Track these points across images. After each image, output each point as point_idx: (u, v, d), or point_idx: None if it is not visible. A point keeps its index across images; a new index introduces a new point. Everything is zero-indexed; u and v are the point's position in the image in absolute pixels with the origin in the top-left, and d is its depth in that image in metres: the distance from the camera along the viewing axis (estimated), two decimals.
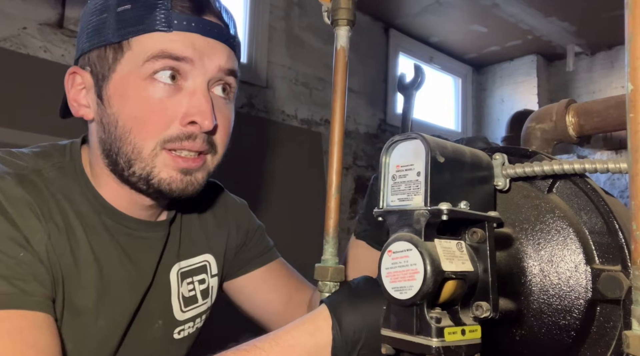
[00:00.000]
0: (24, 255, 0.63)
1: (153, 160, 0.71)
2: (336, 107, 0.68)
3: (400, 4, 3.14)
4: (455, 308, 0.54)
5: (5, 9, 1.81)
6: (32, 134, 1.70)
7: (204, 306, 0.92)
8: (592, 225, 0.57)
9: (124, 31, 0.70)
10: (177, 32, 0.70)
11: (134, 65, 0.70)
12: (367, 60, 3.26)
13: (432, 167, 0.53)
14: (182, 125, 0.71)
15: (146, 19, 0.70)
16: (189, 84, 0.72)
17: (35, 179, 0.70)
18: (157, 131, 0.70)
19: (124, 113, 0.71)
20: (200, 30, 0.71)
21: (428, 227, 0.52)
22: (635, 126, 0.40)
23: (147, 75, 0.70)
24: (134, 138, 0.70)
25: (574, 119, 0.74)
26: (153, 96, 0.70)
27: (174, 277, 0.86)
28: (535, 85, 3.80)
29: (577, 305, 0.55)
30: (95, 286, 0.73)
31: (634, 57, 0.40)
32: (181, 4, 0.71)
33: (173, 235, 0.86)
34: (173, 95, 0.71)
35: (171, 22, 0.69)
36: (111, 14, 0.71)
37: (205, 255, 0.92)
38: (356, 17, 0.69)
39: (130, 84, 0.70)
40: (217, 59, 0.73)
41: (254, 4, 2.71)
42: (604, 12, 3.09)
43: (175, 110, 0.71)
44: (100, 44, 0.72)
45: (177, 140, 0.71)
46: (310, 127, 2.87)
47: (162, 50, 0.69)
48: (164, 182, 0.72)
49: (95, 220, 0.75)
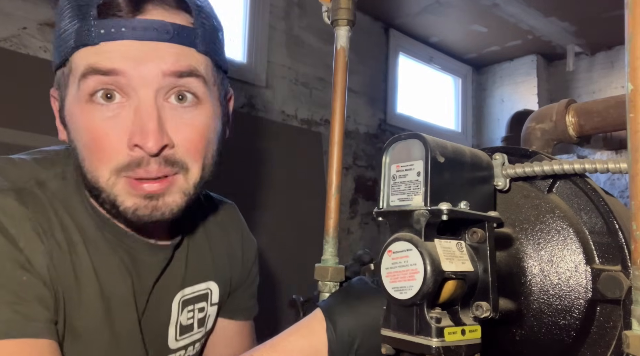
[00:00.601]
0: (27, 279, 0.61)
1: (112, 189, 0.65)
2: (336, 107, 0.68)
3: (400, 4, 3.14)
4: (455, 308, 0.54)
5: (5, 9, 1.81)
6: (32, 134, 1.70)
7: (198, 335, 0.88)
8: (592, 225, 0.57)
9: (62, 50, 0.64)
10: (105, 43, 0.61)
11: (74, 87, 0.64)
12: (367, 60, 3.26)
13: (432, 167, 0.53)
14: (130, 149, 0.63)
15: (76, 34, 0.62)
16: (132, 100, 0.63)
17: (38, 192, 0.67)
18: (106, 159, 0.63)
19: (76, 141, 0.65)
20: (133, 35, 0.61)
21: (428, 227, 0.52)
22: (635, 126, 0.40)
23: (85, 97, 0.63)
24: (89, 166, 0.65)
25: (574, 119, 0.74)
26: (95, 120, 0.63)
27: (175, 305, 0.82)
28: (535, 85, 3.80)
29: (577, 305, 0.55)
30: (95, 306, 0.70)
31: (634, 57, 0.40)
32: (111, 8, 0.61)
33: (177, 261, 0.81)
34: (116, 115, 0.63)
35: (98, 32, 0.61)
36: (58, 31, 0.66)
37: (209, 282, 0.87)
38: (356, 17, 0.69)
39: (75, 108, 0.64)
40: (159, 64, 0.62)
41: (254, 4, 2.71)
42: (604, 12, 3.09)
43: (121, 133, 0.63)
44: (55, 67, 0.68)
45: (128, 169, 0.63)
46: (310, 127, 2.87)
47: (89, 66, 0.61)
48: (129, 210, 0.65)
49: (97, 235, 0.71)
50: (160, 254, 0.77)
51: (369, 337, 0.56)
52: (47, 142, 0.98)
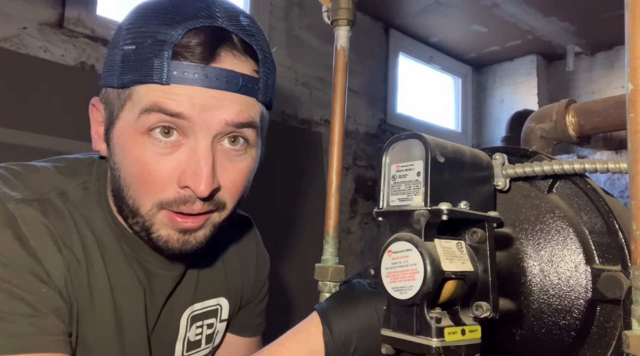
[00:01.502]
0: (45, 291, 0.61)
1: (152, 218, 0.66)
2: (336, 107, 0.68)
3: (400, 4, 3.14)
4: (455, 308, 0.54)
5: (5, 9, 1.81)
6: (32, 134, 1.70)
7: (206, 351, 0.88)
8: (592, 225, 0.57)
9: (124, 77, 0.64)
10: (175, 85, 0.61)
11: (132, 116, 0.64)
12: (367, 60, 3.25)
13: (432, 167, 0.53)
14: (180, 187, 0.64)
15: (145, 67, 0.62)
16: (189, 140, 0.64)
17: (59, 204, 0.67)
18: (153, 192, 0.65)
19: (124, 167, 0.66)
20: (203, 82, 0.62)
21: (428, 227, 0.52)
22: (635, 126, 0.40)
23: (144, 130, 0.63)
24: (133, 193, 0.66)
25: (574, 119, 0.74)
26: (149, 154, 0.63)
27: (184, 321, 0.82)
28: (535, 85, 3.79)
29: (577, 305, 0.55)
30: (108, 321, 0.70)
31: (634, 57, 0.40)
32: (187, 50, 0.62)
33: (189, 277, 0.81)
34: (171, 152, 0.64)
35: (170, 73, 0.61)
36: (119, 52, 0.65)
37: (220, 298, 0.87)
38: (356, 17, 0.69)
39: (128, 136, 0.65)
40: (224, 113, 0.63)
41: (254, 4, 2.71)
42: (604, 12, 3.09)
43: (172, 170, 0.64)
44: (109, 84, 0.67)
45: (174, 204, 0.65)
46: (310, 127, 2.87)
47: (154, 103, 0.62)
48: (161, 239, 0.67)
49: (115, 247, 0.72)
50: (174, 269, 0.77)
51: (366, 340, 0.56)
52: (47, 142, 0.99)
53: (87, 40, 1.97)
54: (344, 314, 0.57)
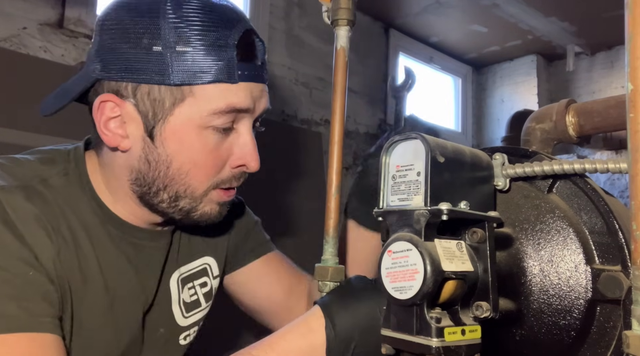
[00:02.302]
0: (32, 274, 0.63)
1: (202, 198, 0.74)
2: (336, 107, 0.68)
3: (400, 4, 3.14)
4: (455, 308, 0.54)
5: (5, 9, 1.81)
6: (32, 134, 1.70)
7: (208, 309, 0.92)
8: (592, 225, 0.57)
9: (186, 76, 0.68)
10: (242, 83, 0.70)
11: (195, 112, 0.69)
12: (367, 60, 3.25)
13: (432, 167, 0.53)
14: (233, 167, 0.75)
15: (212, 68, 0.68)
16: (239, 126, 0.74)
17: (43, 190, 0.69)
18: (212, 174, 0.73)
19: (182, 156, 0.71)
20: (255, 77, 0.72)
21: (428, 227, 0.52)
22: (635, 126, 0.40)
23: (210, 125, 0.70)
24: (190, 180, 0.72)
25: (574, 119, 0.74)
26: (212, 143, 0.72)
27: (174, 284, 0.85)
28: (535, 85, 3.79)
29: (577, 305, 0.55)
30: (101, 300, 0.73)
31: (634, 57, 0.40)
32: (243, 51, 0.70)
33: (174, 243, 0.86)
34: (225, 138, 0.73)
35: (236, 73, 0.69)
36: (169, 52, 0.67)
37: (205, 257, 0.92)
38: (356, 17, 0.69)
39: (190, 130, 0.70)
40: (264, 102, 0.75)
41: (254, 4, 2.71)
42: (604, 12, 3.09)
43: (227, 153, 0.74)
44: (153, 82, 0.68)
45: (227, 182, 0.75)
46: (310, 127, 2.87)
47: (229, 105, 0.70)
48: (205, 215, 0.76)
49: (100, 230, 0.74)
50: (162, 239, 0.82)
51: (367, 336, 0.56)
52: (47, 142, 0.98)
53: (87, 40, 1.97)
54: (346, 309, 0.58)
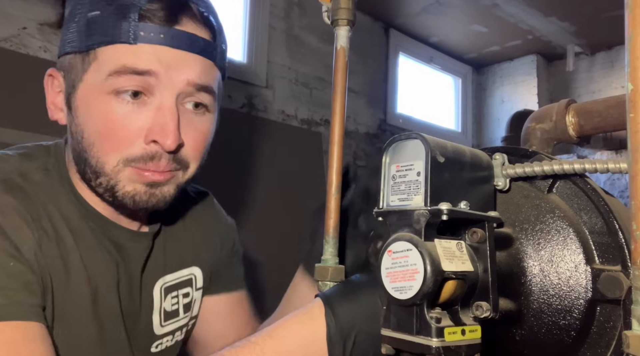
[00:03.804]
0: (14, 265, 0.63)
1: (117, 175, 0.69)
2: (336, 107, 0.68)
3: (400, 4, 3.14)
4: (455, 308, 0.54)
5: (5, 9, 1.81)
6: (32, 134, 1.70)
7: (184, 320, 0.90)
8: (592, 225, 0.57)
9: (90, 40, 0.67)
10: (143, 44, 0.66)
11: (98, 77, 0.67)
12: (367, 60, 3.26)
13: (432, 167, 0.53)
14: (146, 143, 0.68)
15: (112, 29, 0.66)
16: (155, 98, 0.68)
17: (23, 183, 0.69)
18: (119, 148, 0.68)
19: (88, 126, 0.69)
20: (169, 42, 0.67)
21: (428, 227, 0.52)
22: (635, 126, 0.40)
23: (111, 89, 0.67)
24: (96, 152, 0.68)
25: (574, 119, 0.74)
26: (116, 112, 0.67)
27: (157, 292, 0.84)
28: (535, 85, 3.80)
29: (577, 305, 0.55)
30: (84, 292, 0.72)
31: (634, 57, 0.40)
32: (152, 14, 0.67)
33: (157, 248, 0.84)
34: (137, 110, 0.68)
35: (137, 33, 0.66)
36: (82, 19, 0.68)
37: (192, 268, 0.90)
38: (356, 17, 0.69)
39: (95, 96, 0.68)
40: (187, 72, 0.69)
41: (254, 4, 2.71)
42: (604, 12, 3.09)
43: (139, 127, 0.68)
44: (71, 50, 0.70)
45: (140, 161, 0.68)
46: (310, 127, 2.87)
47: (124, 65, 0.66)
48: (127, 195, 0.70)
49: (82, 224, 0.74)
50: (142, 241, 0.81)
51: (368, 324, 0.56)
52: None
53: None
54: (347, 300, 0.57)
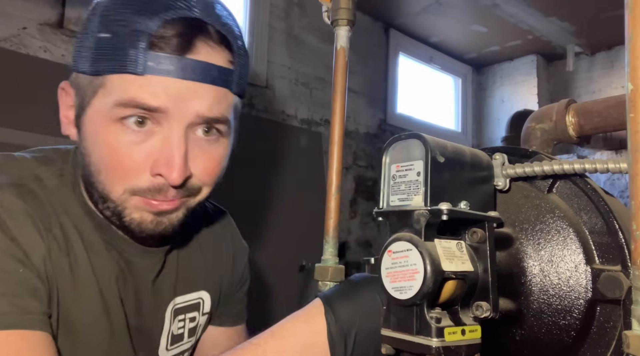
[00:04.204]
0: (23, 272, 0.62)
1: (123, 203, 0.66)
2: (336, 107, 0.68)
3: (400, 4, 3.14)
4: (455, 308, 0.54)
5: (5, 9, 1.81)
6: (32, 134, 1.70)
7: (188, 345, 0.88)
8: (592, 225, 0.57)
9: (99, 65, 0.64)
10: (151, 76, 0.62)
11: (104, 105, 0.64)
12: (367, 60, 3.26)
13: (432, 167, 0.53)
14: (152, 176, 0.65)
15: (120, 57, 0.62)
16: (162, 128, 0.64)
17: (36, 188, 0.68)
18: (125, 179, 0.65)
19: (95, 153, 0.66)
20: (179, 73, 0.62)
21: (428, 227, 0.52)
22: (635, 126, 0.40)
23: (116, 118, 0.63)
24: (103, 179, 0.66)
25: (574, 119, 0.74)
26: (121, 141, 0.64)
27: (168, 315, 0.82)
28: (535, 85, 3.80)
29: (577, 305, 0.55)
30: (94, 303, 0.71)
31: (634, 57, 0.40)
32: (164, 42, 0.62)
33: (169, 267, 0.81)
34: (144, 140, 0.64)
35: (145, 64, 0.61)
36: (92, 39, 0.64)
37: (201, 292, 0.88)
38: (356, 17, 0.69)
39: (100, 123, 0.65)
40: (197, 104, 0.64)
41: (254, 4, 2.71)
42: (604, 12, 3.09)
43: (146, 158, 0.64)
44: (82, 69, 0.66)
45: (147, 193, 0.65)
46: (310, 127, 2.87)
47: (132, 99, 0.62)
48: (134, 222, 0.67)
49: (93, 235, 0.72)
50: (152, 257, 0.78)
51: (368, 323, 0.56)
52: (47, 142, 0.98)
53: None
54: (346, 297, 0.58)
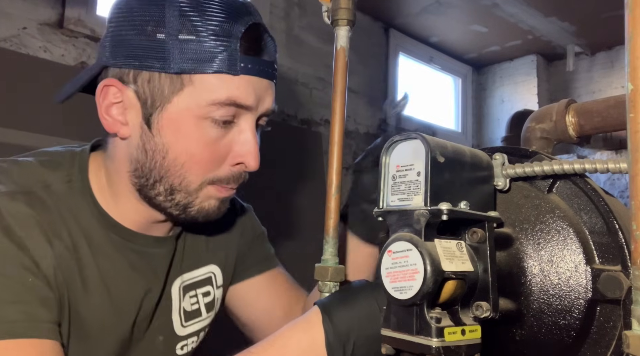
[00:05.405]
0: (32, 281, 0.63)
1: (196, 193, 0.72)
2: (336, 107, 0.68)
3: (400, 4, 3.14)
4: (455, 308, 0.54)
5: (5, 9, 1.81)
6: (32, 134, 1.70)
7: (208, 320, 0.90)
8: (592, 225, 0.57)
9: (187, 65, 0.67)
10: (243, 76, 0.68)
11: (194, 102, 0.68)
12: (367, 60, 3.25)
13: (432, 167, 0.53)
14: (231, 165, 0.72)
15: (214, 58, 0.67)
16: (241, 122, 0.71)
17: (44, 196, 0.69)
18: (208, 169, 0.71)
19: (178, 147, 0.69)
20: (259, 72, 0.70)
21: (428, 227, 0.52)
22: (635, 126, 0.40)
23: (208, 116, 0.68)
24: (185, 172, 0.70)
25: (574, 119, 0.74)
26: (210, 136, 0.69)
27: (176, 291, 0.84)
28: (535, 85, 3.79)
29: (577, 305, 0.55)
30: (104, 307, 0.72)
31: (634, 57, 0.40)
32: (246, 45, 0.69)
33: (179, 249, 0.85)
34: (225, 134, 0.71)
35: (238, 65, 0.68)
36: (172, 40, 0.67)
37: (210, 266, 0.90)
38: (356, 17, 0.69)
39: (188, 119, 0.69)
40: (269, 101, 0.73)
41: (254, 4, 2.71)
42: (604, 12, 3.09)
43: (227, 149, 0.71)
44: (154, 69, 0.68)
45: (225, 180, 0.72)
46: (310, 127, 2.87)
47: (228, 98, 0.68)
48: (203, 210, 0.73)
49: (102, 238, 0.73)
50: (166, 245, 0.81)
51: (366, 329, 0.56)
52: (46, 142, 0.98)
53: (87, 40, 1.97)
54: (344, 304, 0.58)
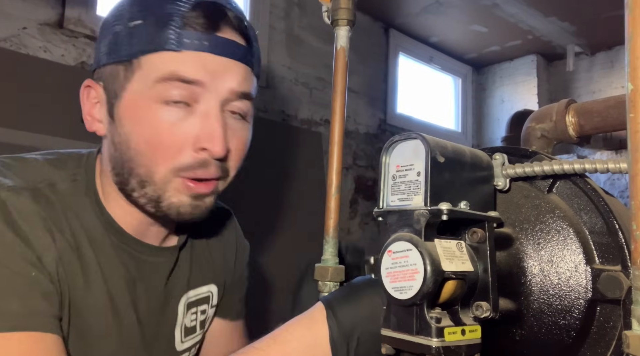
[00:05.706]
0: (35, 275, 0.63)
1: (165, 185, 0.69)
2: (336, 107, 0.68)
3: (400, 4, 3.14)
4: (455, 308, 0.54)
5: (5, 9, 1.81)
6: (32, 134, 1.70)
7: (199, 337, 0.90)
8: (592, 225, 0.57)
9: (134, 49, 0.67)
10: (188, 51, 0.66)
11: (144, 85, 0.67)
12: (367, 60, 3.25)
13: (432, 167, 0.53)
14: (195, 151, 0.68)
15: (156, 37, 0.66)
16: (201, 106, 0.68)
17: (49, 193, 0.69)
18: (169, 156, 0.68)
19: (136, 135, 0.68)
20: (212, 49, 0.67)
21: (428, 227, 0.52)
22: (635, 126, 0.40)
23: (159, 98, 0.67)
24: (148, 161, 0.68)
25: (574, 119, 0.74)
26: (164, 120, 0.67)
27: (181, 307, 0.84)
28: (535, 85, 3.79)
29: (577, 305, 0.55)
30: (103, 305, 0.72)
31: (634, 57, 0.40)
32: (194, 21, 0.67)
33: (183, 262, 0.84)
34: (185, 118, 0.68)
35: (182, 41, 0.66)
36: (124, 29, 0.68)
37: (210, 285, 0.90)
38: (356, 17, 0.69)
39: (141, 105, 0.68)
40: (230, 79, 0.69)
41: (254, 4, 2.71)
42: (604, 12, 3.09)
43: (187, 135, 0.68)
44: (113, 60, 0.69)
45: (190, 169, 0.68)
46: (310, 127, 2.87)
47: (171, 72, 0.66)
48: (173, 206, 0.70)
49: (103, 238, 0.73)
50: (165, 255, 0.80)
51: (370, 325, 0.56)
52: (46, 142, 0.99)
53: (87, 40, 1.97)
54: (348, 302, 0.58)
